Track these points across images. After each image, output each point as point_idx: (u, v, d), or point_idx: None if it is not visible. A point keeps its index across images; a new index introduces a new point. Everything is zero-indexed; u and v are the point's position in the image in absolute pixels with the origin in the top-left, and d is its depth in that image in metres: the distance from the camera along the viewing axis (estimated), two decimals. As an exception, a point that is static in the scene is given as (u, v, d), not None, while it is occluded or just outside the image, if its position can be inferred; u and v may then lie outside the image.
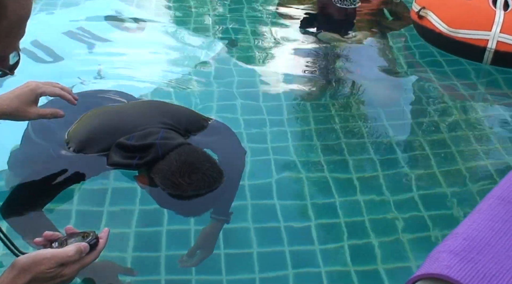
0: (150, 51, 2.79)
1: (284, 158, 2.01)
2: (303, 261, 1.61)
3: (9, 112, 1.48)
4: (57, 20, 2.99)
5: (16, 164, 1.76)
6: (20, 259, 1.03)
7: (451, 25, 2.73)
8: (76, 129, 1.69)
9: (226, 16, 3.29)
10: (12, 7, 0.86)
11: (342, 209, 1.79)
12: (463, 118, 2.35)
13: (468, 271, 1.02)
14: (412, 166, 2.03)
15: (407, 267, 1.59)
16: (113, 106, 1.83)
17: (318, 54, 2.88)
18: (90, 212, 1.70)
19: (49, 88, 1.56)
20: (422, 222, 1.76)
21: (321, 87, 2.58)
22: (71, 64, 2.54)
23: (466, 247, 1.09)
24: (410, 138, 2.21)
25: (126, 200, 1.74)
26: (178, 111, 1.83)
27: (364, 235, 1.70)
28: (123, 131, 1.63)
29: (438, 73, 2.72)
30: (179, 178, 1.51)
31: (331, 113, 2.33)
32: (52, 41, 2.68)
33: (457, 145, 2.15)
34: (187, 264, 1.55)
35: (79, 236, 1.17)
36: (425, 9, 2.86)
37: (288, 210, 1.78)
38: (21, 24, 0.91)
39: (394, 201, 1.84)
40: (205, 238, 1.61)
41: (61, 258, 1.05)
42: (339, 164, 2.01)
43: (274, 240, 1.66)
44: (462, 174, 1.99)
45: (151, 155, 1.56)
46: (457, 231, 1.17)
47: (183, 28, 3.11)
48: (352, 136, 2.18)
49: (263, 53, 2.88)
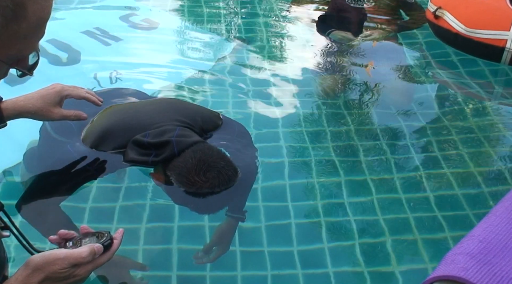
0: (164, 49, 2.81)
1: (297, 158, 2.02)
2: (313, 261, 1.61)
3: (33, 112, 1.51)
4: (73, 19, 3.02)
5: (33, 160, 1.78)
6: (34, 258, 1.04)
7: (468, 25, 2.71)
8: (93, 126, 1.71)
9: (239, 15, 3.29)
10: (32, 9, 0.87)
11: (355, 209, 1.79)
12: (478, 120, 2.33)
13: (484, 273, 1.01)
14: (426, 167, 2.02)
15: (421, 268, 1.59)
16: (129, 104, 1.84)
17: (331, 53, 2.87)
18: (103, 207, 1.72)
19: (74, 90, 1.59)
20: (436, 223, 1.75)
21: (334, 86, 2.58)
22: (87, 63, 2.56)
23: (483, 249, 1.08)
24: (424, 139, 2.19)
25: (139, 195, 1.76)
26: (193, 110, 1.84)
27: (378, 236, 1.70)
28: (139, 129, 1.64)
29: (453, 73, 2.70)
30: (194, 175, 1.52)
31: (344, 112, 2.32)
32: (69, 41, 2.70)
33: (471, 146, 2.14)
34: (203, 261, 1.56)
35: (93, 236, 1.17)
36: (441, 9, 2.84)
37: (299, 209, 1.78)
38: (41, 26, 0.92)
39: (407, 201, 1.83)
40: (221, 235, 1.61)
41: (74, 258, 1.06)
42: (352, 164, 2.01)
43: (284, 239, 1.66)
44: (476, 176, 1.98)
45: (167, 152, 1.56)
46: (473, 233, 1.16)
47: (197, 27, 3.13)
48: (365, 137, 2.17)
49: (276, 52, 2.89)
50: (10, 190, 1.72)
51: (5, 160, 1.84)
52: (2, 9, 0.83)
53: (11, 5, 0.83)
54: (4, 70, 0.95)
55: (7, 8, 0.83)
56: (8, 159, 1.84)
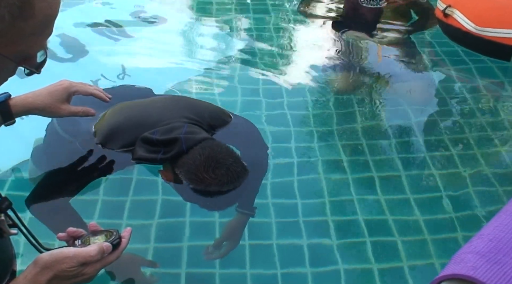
0: (173, 46, 2.81)
1: (306, 158, 2.01)
2: (323, 258, 1.61)
3: (41, 108, 1.52)
4: (81, 14, 3.02)
5: (42, 157, 1.78)
6: (43, 257, 1.05)
7: (478, 23, 2.69)
8: (101, 123, 1.71)
9: (249, 12, 3.29)
10: (39, 6, 0.87)
11: (364, 208, 1.79)
12: (488, 118, 2.32)
13: (494, 272, 1.00)
14: (436, 166, 2.01)
15: (430, 266, 1.58)
16: (137, 102, 1.84)
17: (343, 53, 2.86)
18: (113, 202, 1.72)
19: (82, 86, 1.60)
20: (446, 222, 1.75)
21: (345, 85, 2.57)
22: (94, 59, 2.57)
23: (492, 248, 1.07)
24: (434, 138, 2.18)
25: (148, 191, 1.76)
26: (201, 107, 1.84)
27: (387, 234, 1.69)
28: (147, 126, 1.64)
29: (463, 72, 2.68)
30: (203, 172, 1.52)
31: (354, 110, 2.32)
32: (75, 37, 2.71)
33: (482, 145, 2.12)
34: (213, 256, 1.56)
35: (102, 234, 1.17)
36: (451, 7, 2.82)
37: (308, 207, 1.78)
38: (48, 24, 0.91)
39: (417, 200, 1.82)
40: (231, 230, 1.62)
41: (83, 257, 1.06)
42: (360, 163, 2.00)
43: (294, 235, 1.66)
44: (486, 175, 1.96)
45: (175, 149, 1.57)
46: (482, 232, 1.15)
47: (206, 24, 3.12)
48: (375, 135, 2.16)
49: (286, 50, 2.87)
50: (18, 187, 1.73)
51: (13, 156, 1.84)
52: (9, 6, 0.83)
53: (18, 2, 0.83)
54: (12, 68, 0.95)
55: (14, 6, 0.83)
56: (16, 156, 1.84)
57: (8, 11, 0.83)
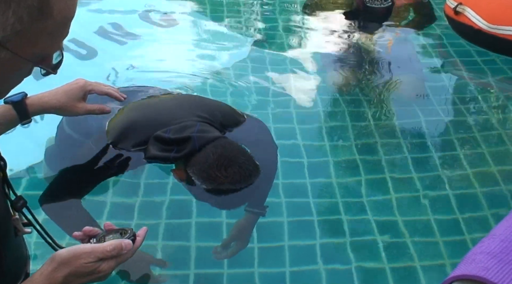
0: (183, 46, 2.83)
1: (316, 159, 2.02)
2: (335, 256, 1.63)
3: (58, 107, 1.52)
4: (91, 15, 3.04)
5: (54, 158, 1.80)
6: (61, 253, 1.05)
7: (491, 21, 2.66)
8: (114, 123, 1.72)
9: (258, 12, 3.29)
10: (58, 7, 0.87)
11: (375, 208, 1.79)
12: (498, 118, 2.30)
13: (506, 273, 1.00)
14: (446, 166, 2.01)
15: (442, 266, 1.59)
16: (149, 100, 1.85)
17: (352, 52, 2.86)
18: (123, 203, 1.74)
19: (97, 86, 1.61)
20: (456, 222, 1.75)
21: (355, 83, 2.57)
22: (105, 60, 2.59)
23: (504, 248, 1.07)
24: (444, 138, 2.18)
25: (157, 191, 1.78)
26: (213, 106, 1.84)
27: (398, 234, 1.70)
28: (160, 125, 1.65)
29: (473, 71, 2.67)
30: (215, 170, 1.52)
31: (365, 109, 2.32)
32: (86, 38, 2.72)
33: (492, 143, 2.12)
34: (221, 256, 1.57)
35: (117, 232, 1.18)
36: (462, 5, 2.79)
37: (320, 206, 1.78)
38: (66, 24, 0.92)
39: (428, 200, 1.82)
40: (240, 230, 1.62)
41: (100, 252, 1.07)
42: (373, 162, 2.01)
43: (307, 235, 1.68)
44: (497, 176, 1.96)
45: (188, 148, 1.57)
46: (494, 232, 1.15)
47: (216, 23, 3.13)
48: (385, 135, 2.16)
49: (296, 49, 2.88)
50: (34, 187, 1.74)
51: (28, 157, 1.86)
52: (28, 7, 0.84)
53: (37, 3, 0.84)
54: (28, 68, 0.96)
55: (32, 7, 0.84)
56: (31, 156, 1.87)
57: (27, 13, 0.84)
